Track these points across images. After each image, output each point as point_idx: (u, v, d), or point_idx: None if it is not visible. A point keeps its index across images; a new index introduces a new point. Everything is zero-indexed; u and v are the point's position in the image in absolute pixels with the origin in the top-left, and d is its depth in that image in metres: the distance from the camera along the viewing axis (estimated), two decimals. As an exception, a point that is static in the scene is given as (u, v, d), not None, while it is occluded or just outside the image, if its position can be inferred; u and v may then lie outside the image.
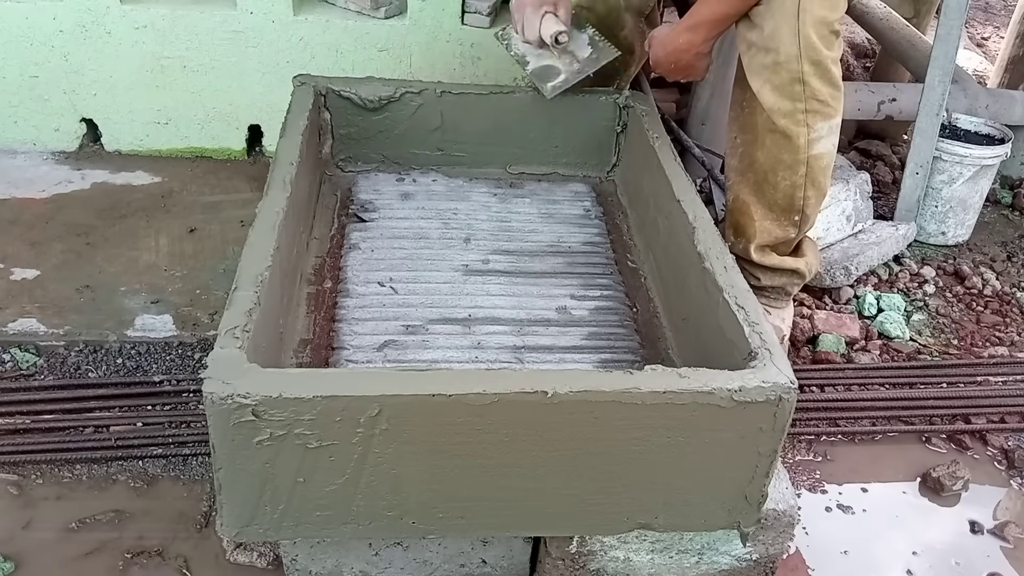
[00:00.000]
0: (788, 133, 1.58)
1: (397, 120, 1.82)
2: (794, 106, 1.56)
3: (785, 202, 1.66)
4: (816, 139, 1.59)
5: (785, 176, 1.63)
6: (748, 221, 1.71)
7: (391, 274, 1.55)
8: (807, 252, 1.79)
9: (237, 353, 1.05)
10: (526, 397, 1.04)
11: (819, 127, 1.58)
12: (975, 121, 2.40)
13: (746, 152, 1.66)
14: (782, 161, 1.61)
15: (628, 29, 1.84)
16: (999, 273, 2.27)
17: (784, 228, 1.69)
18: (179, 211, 2.08)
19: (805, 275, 1.77)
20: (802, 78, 1.53)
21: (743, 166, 1.68)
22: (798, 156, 1.60)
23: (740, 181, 1.70)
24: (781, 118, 1.57)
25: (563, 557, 1.27)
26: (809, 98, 1.55)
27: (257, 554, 1.36)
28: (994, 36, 4.40)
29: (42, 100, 2.21)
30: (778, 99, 1.56)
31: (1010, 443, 1.73)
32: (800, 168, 1.61)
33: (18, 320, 1.69)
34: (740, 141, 1.67)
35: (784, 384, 1.09)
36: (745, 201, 1.70)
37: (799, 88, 1.54)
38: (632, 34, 1.85)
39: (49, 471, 1.48)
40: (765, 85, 1.56)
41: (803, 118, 1.57)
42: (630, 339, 1.46)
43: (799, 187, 1.64)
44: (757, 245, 1.71)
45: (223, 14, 2.14)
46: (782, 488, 1.30)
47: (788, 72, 1.53)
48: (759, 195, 1.67)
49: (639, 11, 1.85)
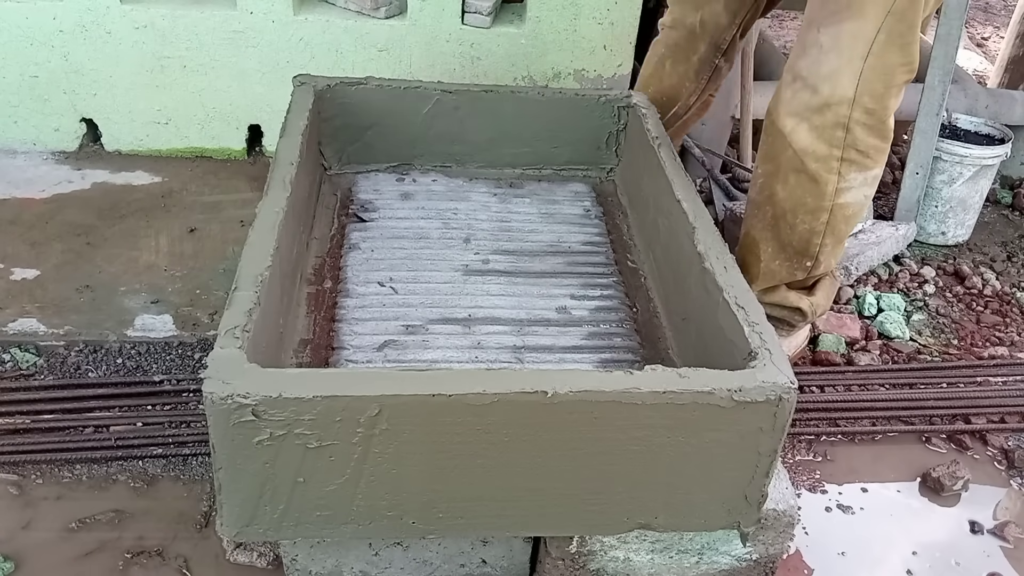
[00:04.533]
0: (817, 178, 1.49)
1: (397, 120, 1.82)
2: (830, 152, 1.46)
3: (800, 246, 1.58)
4: (846, 188, 1.50)
5: (804, 220, 1.54)
6: (753, 261, 1.65)
7: (391, 274, 1.55)
8: (818, 291, 1.70)
9: (237, 353, 1.05)
10: (526, 397, 1.04)
11: (852, 177, 1.49)
12: (975, 121, 2.40)
13: (766, 184, 1.57)
14: (804, 204, 1.52)
15: (699, 57, 1.78)
16: (999, 273, 2.27)
17: (793, 271, 1.63)
18: (179, 211, 2.08)
19: (807, 315, 1.70)
20: (847, 124, 1.43)
21: (761, 199, 1.59)
22: (822, 203, 1.51)
23: (755, 215, 1.62)
24: (813, 162, 1.47)
25: (563, 557, 1.27)
26: (848, 147, 1.45)
27: (257, 554, 1.36)
28: (994, 36, 4.40)
29: (42, 100, 2.21)
30: (814, 141, 1.46)
31: (1010, 443, 1.73)
32: (822, 215, 1.53)
33: (18, 320, 1.69)
34: (761, 172, 1.59)
35: (784, 384, 1.09)
36: (755, 239, 1.63)
37: (840, 134, 1.44)
38: (702, 62, 1.78)
39: (49, 471, 1.48)
40: (802, 124, 1.46)
41: (836, 166, 1.47)
42: (630, 339, 1.46)
43: (817, 233, 1.55)
44: (759, 288, 1.66)
45: (223, 14, 2.14)
46: (782, 488, 1.30)
47: (834, 115, 1.43)
48: (774, 232, 1.59)
49: (716, 44, 1.76)
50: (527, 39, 2.22)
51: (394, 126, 1.83)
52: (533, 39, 2.22)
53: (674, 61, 1.79)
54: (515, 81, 2.27)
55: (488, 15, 2.18)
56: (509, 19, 2.27)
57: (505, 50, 2.23)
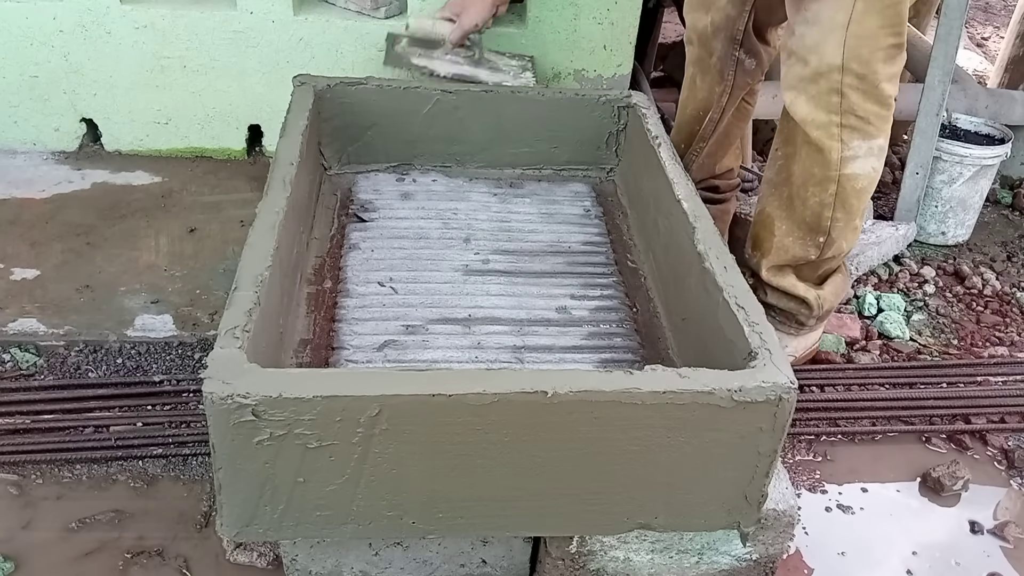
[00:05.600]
0: (820, 146, 1.52)
1: (397, 120, 1.82)
2: (829, 118, 1.49)
3: (812, 220, 1.60)
4: (851, 157, 1.52)
5: (815, 192, 1.57)
6: (767, 235, 1.67)
7: (391, 274, 1.55)
8: (827, 286, 1.71)
9: (237, 353, 1.05)
10: (526, 397, 1.04)
11: (855, 145, 1.51)
12: (975, 121, 2.40)
13: (784, 165, 1.60)
14: (813, 175, 1.55)
15: (717, 56, 1.77)
16: (999, 273, 2.27)
17: (806, 248, 1.64)
18: (179, 211, 2.08)
19: (813, 307, 1.71)
20: (840, 89, 1.46)
21: (779, 179, 1.62)
22: (829, 172, 1.54)
23: (771, 194, 1.65)
24: (814, 130, 1.51)
25: (563, 557, 1.27)
26: (846, 112, 1.48)
27: (257, 554, 1.36)
28: (994, 36, 4.40)
29: (42, 100, 2.21)
30: (812, 110, 1.50)
31: (1010, 443, 1.73)
32: (830, 186, 1.55)
33: (18, 320, 1.69)
34: (781, 154, 1.62)
35: (784, 384, 1.09)
36: (770, 215, 1.66)
37: (836, 100, 1.47)
38: (722, 60, 1.77)
39: (49, 471, 1.48)
40: (800, 96, 1.50)
41: (837, 132, 1.50)
42: (630, 339, 1.46)
43: (827, 206, 1.57)
44: (770, 264, 1.68)
45: (223, 14, 2.14)
46: (782, 488, 1.30)
47: (827, 82, 1.46)
48: (788, 209, 1.62)
49: (731, 36, 1.75)
50: (527, 39, 2.22)
51: (394, 126, 1.83)
52: (533, 39, 2.22)
53: (701, 73, 1.80)
54: (515, 81, 2.27)
55: (488, 15, 2.18)
56: (509, 19, 2.26)
57: (505, 50, 2.22)
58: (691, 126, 1.87)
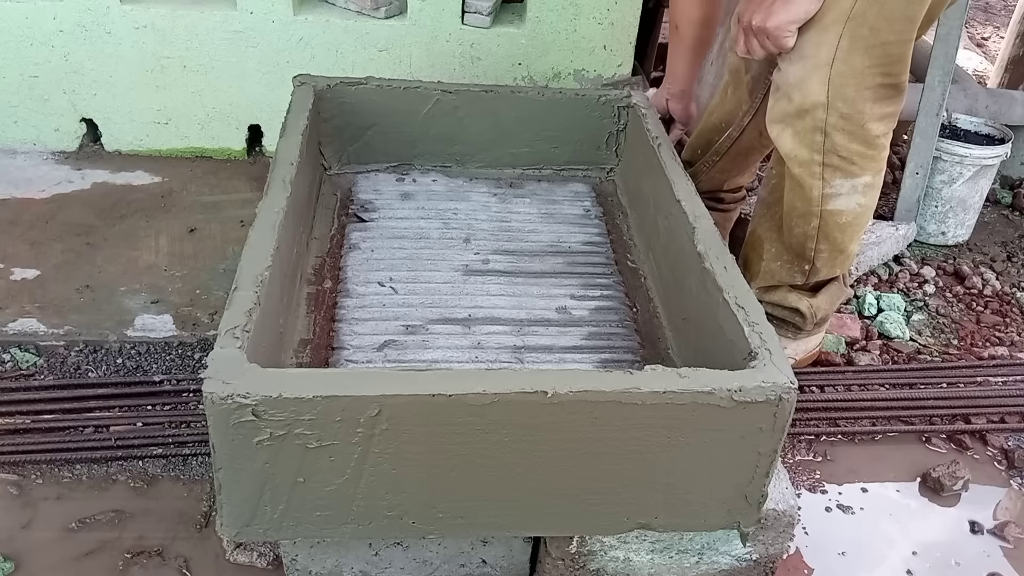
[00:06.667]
0: (802, 183, 1.51)
1: (397, 120, 1.82)
2: (811, 156, 1.48)
3: (797, 249, 1.61)
4: (832, 195, 1.51)
5: (798, 223, 1.57)
6: (756, 259, 1.67)
7: (391, 274, 1.55)
8: (821, 295, 1.69)
9: (237, 353, 1.05)
10: (526, 397, 1.04)
11: (837, 184, 1.50)
12: (975, 121, 2.40)
13: (778, 185, 1.60)
14: (795, 208, 1.56)
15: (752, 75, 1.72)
16: (999, 273, 2.27)
17: (792, 274, 1.65)
18: (179, 211, 2.08)
19: (807, 316, 1.70)
20: (824, 128, 1.45)
21: (772, 199, 1.62)
22: (811, 208, 1.54)
23: (763, 214, 1.65)
24: (796, 166, 1.50)
25: (563, 557, 1.27)
26: (828, 152, 1.47)
27: (257, 554, 1.36)
28: (994, 36, 4.41)
29: (42, 100, 2.21)
30: (796, 146, 1.48)
31: (1010, 443, 1.73)
32: (812, 220, 1.55)
33: (18, 320, 1.69)
34: (775, 173, 1.61)
35: (784, 384, 1.09)
36: (760, 237, 1.65)
37: (819, 139, 1.46)
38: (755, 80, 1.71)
39: (49, 471, 1.48)
40: (786, 130, 1.49)
41: (819, 171, 1.49)
42: (630, 339, 1.46)
43: (811, 238, 1.58)
44: (757, 286, 1.67)
45: (223, 14, 2.14)
46: (782, 488, 1.30)
47: (812, 120, 1.45)
48: (778, 231, 1.62)
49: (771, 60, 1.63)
50: (527, 39, 2.22)
51: (394, 126, 1.83)
52: (533, 39, 2.22)
53: (734, 85, 1.76)
54: (515, 81, 2.27)
55: (488, 15, 2.18)
56: (509, 19, 2.27)
57: (505, 50, 2.23)
58: (711, 135, 1.84)
